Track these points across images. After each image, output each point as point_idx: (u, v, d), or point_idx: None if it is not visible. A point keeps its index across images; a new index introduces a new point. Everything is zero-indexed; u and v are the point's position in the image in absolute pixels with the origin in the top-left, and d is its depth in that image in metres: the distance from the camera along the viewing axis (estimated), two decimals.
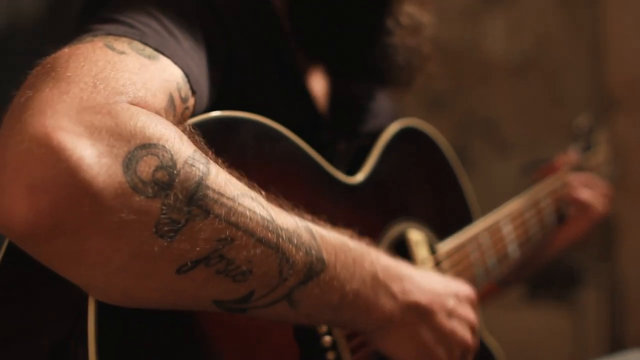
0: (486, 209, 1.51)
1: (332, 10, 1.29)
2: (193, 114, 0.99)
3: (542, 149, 2.94)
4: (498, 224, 1.45)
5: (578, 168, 1.72)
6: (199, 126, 0.93)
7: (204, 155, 0.84)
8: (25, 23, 3.85)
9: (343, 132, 1.38)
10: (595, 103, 2.88)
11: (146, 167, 0.77)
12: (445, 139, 1.44)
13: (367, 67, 1.33)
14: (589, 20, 2.91)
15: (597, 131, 1.84)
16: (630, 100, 2.81)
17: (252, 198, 0.86)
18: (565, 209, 1.65)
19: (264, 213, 0.86)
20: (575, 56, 2.94)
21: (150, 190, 0.77)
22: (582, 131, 1.80)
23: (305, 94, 1.33)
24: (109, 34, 0.94)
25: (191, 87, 0.98)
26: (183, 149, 0.81)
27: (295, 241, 0.89)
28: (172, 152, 0.80)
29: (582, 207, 1.65)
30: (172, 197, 0.78)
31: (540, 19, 3.00)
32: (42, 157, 0.74)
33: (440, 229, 1.34)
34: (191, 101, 0.98)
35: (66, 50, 0.88)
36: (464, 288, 1.16)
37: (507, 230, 1.47)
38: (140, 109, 0.82)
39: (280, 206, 0.91)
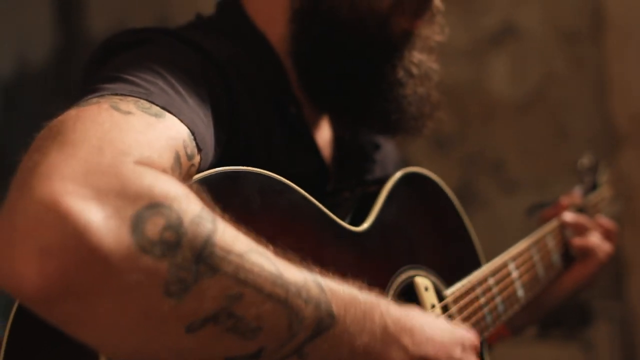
0: (493, 246, 1.51)
1: (341, 63, 1.30)
2: (199, 170, 1.00)
3: (549, 186, 2.94)
4: (505, 267, 1.46)
5: (583, 209, 1.72)
6: (204, 182, 0.94)
7: (210, 212, 0.85)
8: (33, 72, 3.89)
9: (348, 182, 1.39)
10: (600, 139, 2.89)
11: (153, 227, 0.78)
12: (448, 186, 1.45)
13: (378, 118, 1.34)
14: (593, 58, 2.92)
15: (601, 171, 1.85)
16: (635, 136, 2.81)
17: (260, 253, 0.87)
18: (571, 250, 1.66)
19: (272, 268, 0.87)
20: (580, 93, 2.95)
21: (158, 250, 0.78)
22: (586, 171, 1.81)
23: (311, 145, 1.34)
24: (115, 93, 0.96)
25: (197, 145, 0.99)
26: (190, 208, 0.82)
27: (304, 295, 0.89)
28: (179, 211, 0.81)
29: (588, 251, 1.66)
30: (180, 257, 0.79)
31: (544, 57, 3.02)
32: (51, 222, 0.75)
33: (448, 274, 1.35)
34: (197, 158, 0.99)
35: (73, 112, 0.90)
36: (468, 336, 1.16)
37: (515, 273, 1.48)
38: (146, 168, 0.83)
39: (288, 260, 0.91)
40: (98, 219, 0.76)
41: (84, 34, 3.82)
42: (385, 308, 1.01)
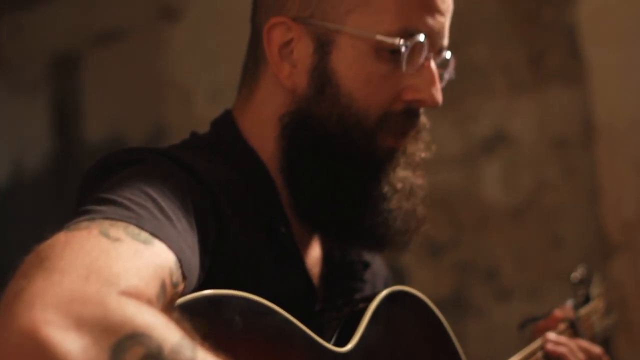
0: (488, 355, 1.50)
1: (328, 177, 1.32)
2: (181, 295, 1.00)
3: (543, 294, 2.94)
4: None
5: (575, 322, 1.71)
6: (186, 307, 0.94)
7: (190, 341, 0.85)
8: (29, 179, 3.91)
9: (336, 301, 1.39)
10: (593, 247, 2.89)
11: (133, 356, 0.79)
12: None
13: (364, 233, 1.35)
14: (585, 165, 2.95)
15: (594, 283, 1.85)
16: (627, 245, 2.82)
17: None
18: None
19: None
20: (572, 200, 2.97)
21: None
22: (579, 284, 1.81)
23: (299, 265, 1.34)
24: (105, 217, 0.97)
25: (183, 273, 1.00)
26: (169, 337, 0.83)
27: None
28: (159, 340, 0.81)
29: None
30: None
31: (536, 164, 3.04)
32: (30, 352, 0.76)
33: None
34: (181, 286, 1.00)
35: (62, 237, 0.91)
36: None
37: None
38: (129, 299, 0.84)
39: None
40: (77, 349, 0.76)
41: (81, 143, 3.86)
42: None
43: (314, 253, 1.42)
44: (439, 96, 1.35)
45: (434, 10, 1.34)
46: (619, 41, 2.85)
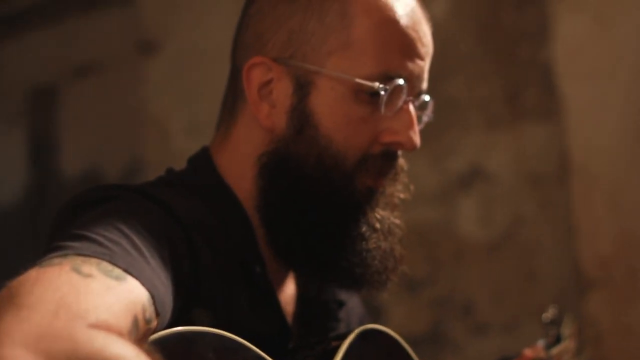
0: None
1: (306, 217, 1.32)
2: (155, 331, 1.00)
3: (518, 328, 2.94)
4: None
5: None
6: (160, 342, 0.94)
7: None
8: (4, 212, 3.89)
9: (309, 340, 1.39)
10: (569, 282, 2.90)
11: None
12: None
13: (342, 272, 1.35)
14: (561, 201, 2.96)
15: (565, 323, 1.85)
16: (602, 280, 2.83)
17: None
18: None
19: None
20: (548, 236, 2.98)
21: None
22: (550, 324, 1.81)
23: (274, 304, 1.34)
24: (78, 253, 0.97)
25: (156, 309, 0.99)
26: None
27: None
28: None
29: None
30: None
31: (512, 200, 3.05)
32: None
33: None
34: (154, 323, 0.99)
35: (33, 273, 0.91)
36: None
37: None
38: (99, 331, 0.84)
39: None
40: None
41: (57, 176, 3.84)
42: None
43: (289, 291, 1.42)
44: (417, 139, 1.35)
45: (414, 54, 1.35)
46: (594, 78, 2.88)
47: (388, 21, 1.33)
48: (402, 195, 1.41)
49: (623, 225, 2.82)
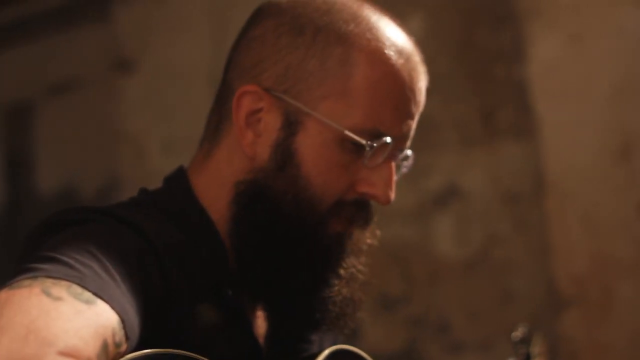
0: None
1: (274, 258, 1.31)
2: (124, 354, 1.00)
3: (494, 347, 2.94)
4: None
5: None
6: None
7: None
8: None
9: None
10: (544, 301, 2.91)
11: None
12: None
13: (302, 314, 1.35)
14: (536, 219, 2.97)
15: (535, 342, 1.85)
16: (577, 299, 2.84)
17: None
18: None
19: None
20: (523, 254, 2.99)
21: None
22: (520, 343, 1.81)
23: (245, 327, 1.33)
24: (48, 276, 0.96)
25: (126, 333, 0.99)
26: None
27: None
28: None
29: None
30: None
31: (487, 218, 3.07)
32: None
33: None
34: (124, 347, 0.99)
35: (3, 295, 0.90)
36: None
37: None
38: (68, 359, 0.84)
39: None
40: None
41: (33, 194, 3.83)
42: None
43: (260, 312, 1.42)
44: (392, 196, 1.35)
45: (407, 115, 1.35)
46: (569, 97, 2.90)
47: (387, 78, 1.32)
48: (369, 241, 1.41)
49: (598, 244, 2.84)
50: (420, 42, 1.40)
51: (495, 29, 3.06)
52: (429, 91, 1.43)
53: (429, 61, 1.41)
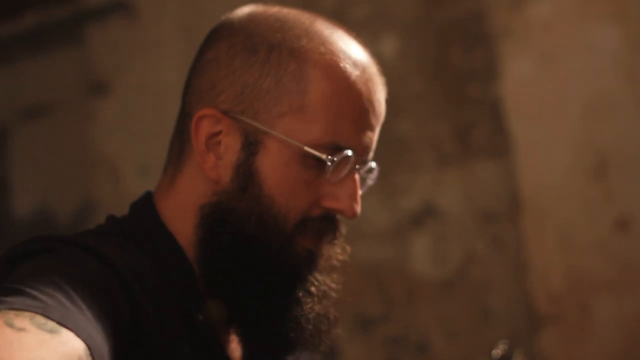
0: None
1: (242, 277, 1.31)
2: None
3: None
4: None
5: None
6: None
7: None
8: None
9: None
10: (521, 319, 2.92)
11: None
12: None
13: (275, 336, 1.34)
14: (512, 238, 2.98)
15: (515, 358, 1.85)
16: (555, 317, 2.85)
17: None
18: None
19: None
20: (500, 273, 3.00)
21: None
22: (501, 359, 1.81)
23: (219, 352, 1.32)
24: (10, 308, 0.96)
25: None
26: None
27: None
28: None
29: None
30: None
31: (464, 237, 3.07)
32: None
33: None
34: None
35: None
36: None
37: None
38: None
39: None
40: None
41: (8, 217, 3.81)
42: None
43: (234, 337, 1.41)
44: (357, 209, 1.35)
45: (366, 126, 1.34)
46: (543, 116, 2.92)
47: (344, 91, 1.32)
48: (340, 257, 1.41)
49: (574, 263, 2.85)
50: (394, 62, 1.41)
51: (468, 49, 3.07)
52: (403, 111, 1.43)
53: (402, 81, 1.41)
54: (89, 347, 0.98)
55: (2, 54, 3.90)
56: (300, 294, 1.32)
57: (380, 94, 1.37)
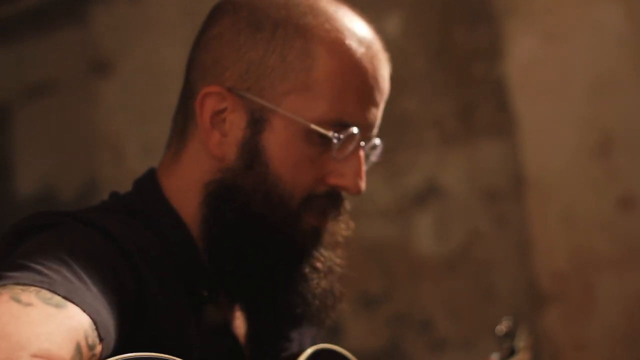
0: None
1: (248, 253, 1.31)
2: (100, 358, 0.99)
3: (476, 344, 2.95)
4: None
5: None
6: None
7: None
8: None
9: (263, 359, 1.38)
10: (525, 298, 2.93)
11: None
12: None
13: (282, 311, 1.34)
14: (515, 216, 2.99)
15: (519, 336, 1.86)
16: (557, 295, 2.86)
17: None
18: None
19: None
20: (504, 252, 3.00)
21: None
22: (504, 337, 1.82)
23: (224, 327, 1.33)
24: (17, 283, 0.96)
25: (99, 334, 0.99)
26: None
27: None
28: None
29: None
30: None
31: (467, 216, 3.07)
32: None
33: None
34: (98, 348, 0.99)
35: None
36: None
37: None
38: None
39: None
40: None
41: (12, 197, 3.81)
42: None
43: (239, 312, 1.41)
44: (362, 185, 1.35)
45: (371, 103, 1.34)
46: (547, 95, 2.91)
47: (348, 67, 1.32)
48: (345, 233, 1.41)
49: (578, 241, 2.86)
50: (398, 40, 1.41)
51: (472, 28, 3.07)
52: (407, 90, 1.43)
53: (406, 60, 1.41)
54: (95, 322, 0.98)
55: (6, 34, 3.89)
56: (307, 270, 1.33)
57: (384, 71, 1.37)
